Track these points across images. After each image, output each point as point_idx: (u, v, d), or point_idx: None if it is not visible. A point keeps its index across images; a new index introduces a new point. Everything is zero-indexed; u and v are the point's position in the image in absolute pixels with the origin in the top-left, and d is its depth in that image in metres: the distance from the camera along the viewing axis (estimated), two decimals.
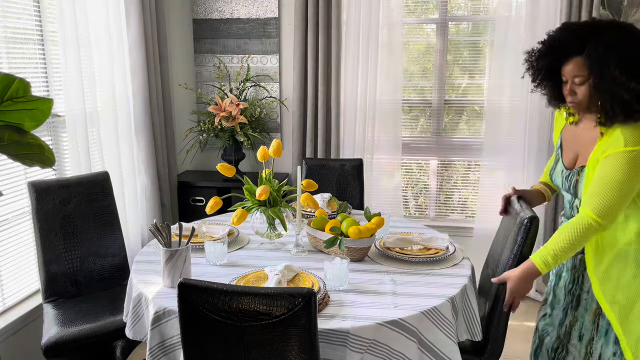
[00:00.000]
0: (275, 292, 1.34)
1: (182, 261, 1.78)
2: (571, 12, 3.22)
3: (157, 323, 1.66)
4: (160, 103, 3.34)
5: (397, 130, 3.58)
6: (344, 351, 1.52)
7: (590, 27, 1.68)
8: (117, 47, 2.96)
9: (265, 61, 3.71)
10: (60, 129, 2.70)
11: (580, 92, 1.70)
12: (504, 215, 2.15)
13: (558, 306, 1.94)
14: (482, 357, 1.99)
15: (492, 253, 2.23)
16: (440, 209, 3.86)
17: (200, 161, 3.93)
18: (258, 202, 2.11)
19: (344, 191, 3.03)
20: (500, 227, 2.21)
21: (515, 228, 1.93)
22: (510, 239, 1.98)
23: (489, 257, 2.27)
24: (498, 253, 2.12)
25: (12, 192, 2.49)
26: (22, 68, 2.50)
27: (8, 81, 0.99)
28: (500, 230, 2.20)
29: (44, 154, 1.12)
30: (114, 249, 2.52)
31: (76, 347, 2.05)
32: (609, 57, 1.59)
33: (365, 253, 2.03)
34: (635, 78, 1.58)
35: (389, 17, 3.46)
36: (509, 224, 2.06)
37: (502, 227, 2.17)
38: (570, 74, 1.70)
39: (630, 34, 1.63)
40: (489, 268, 2.20)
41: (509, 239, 1.99)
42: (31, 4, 2.54)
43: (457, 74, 3.65)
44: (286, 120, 3.78)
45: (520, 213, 1.95)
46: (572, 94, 1.72)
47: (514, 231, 1.94)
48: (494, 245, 2.26)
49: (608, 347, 1.78)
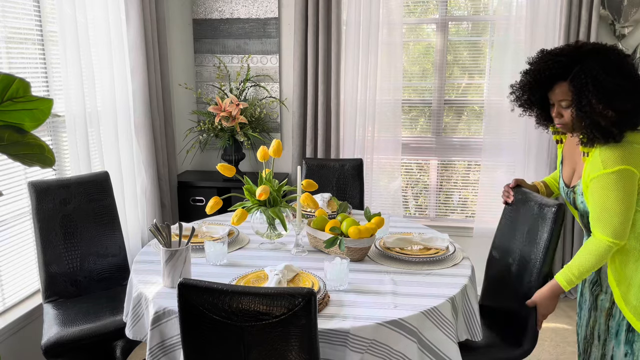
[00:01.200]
0: (275, 292, 1.34)
1: (182, 261, 1.78)
2: (571, 12, 3.23)
3: (157, 323, 1.66)
4: (160, 103, 3.34)
5: (397, 130, 3.58)
6: (344, 351, 1.52)
7: (575, 50, 1.72)
8: (117, 47, 2.96)
9: (265, 61, 3.71)
10: (60, 129, 2.70)
11: (567, 115, 1.75)
12: (511, 205, 2.19)
13: (585, 306, 1.96)
14: (520, 346, 2.01)
15: (504, 242, 2.24)
16: (440, 209, 3.86)
17: (200, 161, 3.93)
18: (258, 202, 2.11)
19: (344, 191, 3.03)
20: (510, 216, 2.22)
21: (542, 217, 1.98)
22: (534, 228, 2.02)
23: (498, 245, 2.28)
24: (514, 242, 2.15)
25: (12, 192, 2.49)
26: (22, 68, 2.50)
27: (8, 81, 0.99)
28: (508, 219, 2.22)
29: (44, 154, 1.12)
30: (114, 249, 2.52)
31: (76, 347, 2.05)
32: (588, 85, 1.64)
33: (365, 253, 2.03)
34: (611, 106, 1.62)
35: (389, 17, 3.46)
36: (522, 213, 2.10)
37: (513, 217, 2.19)
38: (556, 98, 1.75)
39: (610, 62, 1.66)
40: (507, 258, 2.20)
41: (530, 229, 2.03)
42: (31, 4, 2.54)
43: (457, 74, 3.65)
44: (286, 120, 3.78)
45: (541, 201, 2.00)
46: (559, 117, 1.78)
47: (541, 221, 1.98)
48: (502, 233, 2.27)
49: (619, 348, 1.79)
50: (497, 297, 2.23)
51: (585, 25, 3.21)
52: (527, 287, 2.00)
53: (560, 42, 3.26)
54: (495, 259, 2.27)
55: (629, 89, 1.63)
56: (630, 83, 1.64)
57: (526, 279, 2.02)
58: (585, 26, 3.21)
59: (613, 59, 1.66)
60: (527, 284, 2.01)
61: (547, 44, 3.30)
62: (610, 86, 1.62)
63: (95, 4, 2.78)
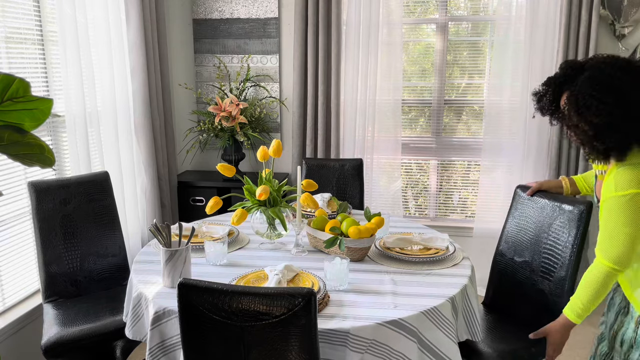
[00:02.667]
0: (275, 292, 1.34)
1: (182, 261, 1.78)
2: (571, 12, 3.22)
3: (157, 323, 1.66)
4: (160, 103, 3.34)
5: (397, 130, 3.58)
6: (344, 351, 1.52)
7: (585, 62, 1.71)
8: (117, 47, 2.96)
9: (265, 61, 3.71)
10: (60, 129, 2.70)
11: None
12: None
13: (613, 309, 1.88)
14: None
15: (519, 237, 2.29)
16: (440, 209, 3.86)
17: (200, 161, 3.93)
18: (258, 202, 2.11)
19: (344, 191, 3.03)
20: (526, 213, 2.27)
21: (570, 219, 2.06)
22: (561, 228, 2.08)
23: (509, 240, 2.33)
24: (535, 239, 2.21)
25: (12, 192, 2.49)
26: (22, 68, 2.50)
27: (8, 81, 0.99)
28: (521, 217, 2.28)
29: (44, 154, 1.12)
30: (114, 249, 2.52)
31: (76, 347, 2.05)
32: (570, 97, 1.65)
33: (365, 253, 2.03)
34: (584, 119, 1.62)
35: (389, 17, 3.46)
36: (541, 211, 2.17)
37: (529, 214, 2.25)
38: (564, 105, 1.74)
39: (597, 75, 1.62)
40: (524, 254, 2.26)
41: (557, 228, 2.11)
42: (31, 4, 2.54)
43: (457, 74, 3.65)
44: (286, 120, 3.78)
45: (566, 202, 2.08)
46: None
47: (572, 222, 2.05)
48: (512, 227, 2.32)
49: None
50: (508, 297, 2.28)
51: (585, 25, 3.21)
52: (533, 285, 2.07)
53: (560, 42, 3.26)
54: (508, 257, 2.31)
55: (607, 103, 1.58)
56: (613, 97, 1.58)
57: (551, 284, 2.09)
58: (585, 26, 3.21)
59: (607, 72, 1.61)
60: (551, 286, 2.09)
61: (547, 44, 3.30)
62: (584, 99, 1.60)
63: (95, 4, 2.78)
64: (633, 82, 1.59)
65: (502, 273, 2.32)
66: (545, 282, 2.13)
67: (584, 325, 3.21)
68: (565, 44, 3.26)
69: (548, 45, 3.31)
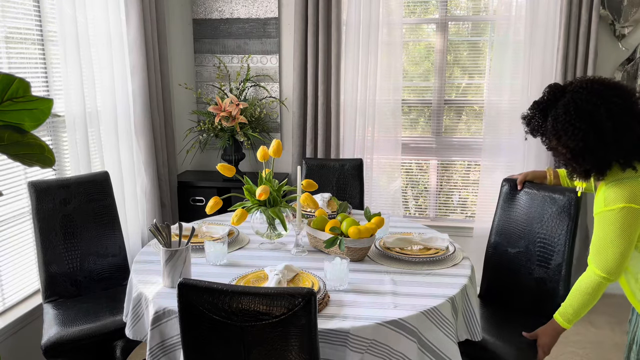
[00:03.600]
0: (275, 292, 1.34)
1: (182, 261, 1.78)
2: (571, 12, 3.23)
3: (157, 323, 1.66)
4: (160, 103, 3.34)
5: (397, 130, 3.58)
6: (344, 351, 1.52)
7: (569, 85, 1.75)
8: (117, 47, 2.96)
9: (265, 61, 3.71)
10: (60, 129, 2.70)
11: None
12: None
13: (636, 311, 1.88)
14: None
15: (511, 229, 2.33)
16: (440, 209, 3.86)
17: (200, 161, 3.93)
18: (258, 202, 2.11)
19: (344, 191, 3.03)
20: (515, 206, 2.31)
21: (563, 208, 2.13)
22: (554, 217, 2.17)
23: (502, 232, 2.36)
24: (528, 229, 2.26)
25: (12, 192, 2.49)
26: (22, 68, 2.50)
27: (8, 81, 0.99)
28: (511, 209, 2.31)
29: (44, 154, 1.11)
30: (114, 249, 2.52)
31: (76, 347, 2.05)
32: (549, 123, 1.73)
33: (365, 253, 2.03)
34: (561, 143, 1.69)
35: (389, 17, 3.46)
36: (532, 202, 2.23)
37: (519, 206, 2.29)
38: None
39: (575, 100, 1.67)
40: (518, 244, 2.31)
41: (550, 217, 2.17)
42: (31, 4, 2.54)
43: (457, 74, 3.65)
44: (286, 120, 3.78)
45: (556, 192, 2.15)
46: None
47: (564, 210, 2.12)
48: (503, 220, 2.36)
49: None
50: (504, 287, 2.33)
51: (585, 25, 3.21)
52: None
53: (560, 42, 3.26)
54: (503, 247, 2.35)
55: (580, 129, 1.63)
56: (587, 123, 1.63)
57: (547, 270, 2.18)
58: (585, 26, 3.21)
59: (584, 97, 1.65)
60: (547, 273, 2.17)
61: (547, 44, 3.30)
62: (561, 124, 1.66)
63: (95, 3, 2.78)
64: (608, 108, 1.63)
65: (497, 265, 2.36)
66: (542, 270, 2.20)
67: (584, 325, 3.22)
68: (565, 43, 3.26)
69: (548, 45, 3.31)
